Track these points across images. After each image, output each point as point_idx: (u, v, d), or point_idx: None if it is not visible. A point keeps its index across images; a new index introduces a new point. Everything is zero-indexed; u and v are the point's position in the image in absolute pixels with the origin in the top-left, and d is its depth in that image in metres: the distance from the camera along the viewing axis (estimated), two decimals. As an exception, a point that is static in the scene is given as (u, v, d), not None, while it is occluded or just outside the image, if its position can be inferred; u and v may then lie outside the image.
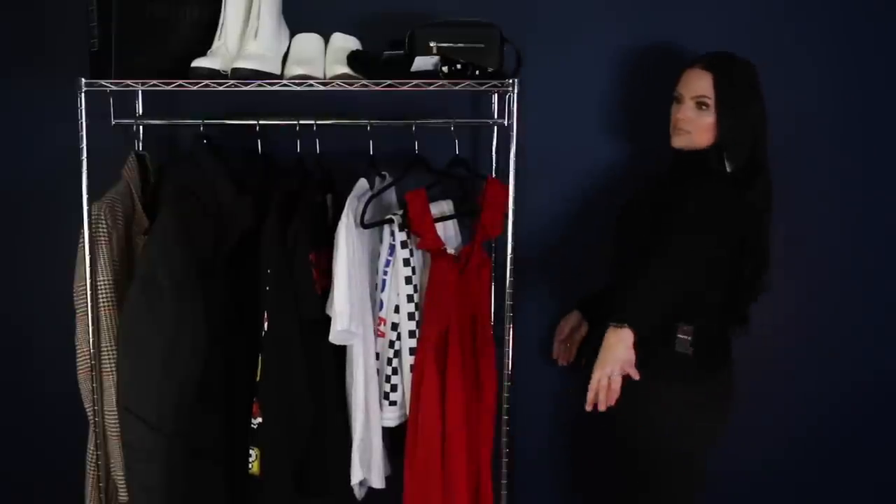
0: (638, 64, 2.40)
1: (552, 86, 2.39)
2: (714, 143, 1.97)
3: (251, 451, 2.05)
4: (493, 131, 2.36)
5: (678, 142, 2.01)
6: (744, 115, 1.95)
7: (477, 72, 2.01)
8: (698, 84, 1.96)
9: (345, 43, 2.12)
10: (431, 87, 2.01)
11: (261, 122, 2.17)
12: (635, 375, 1.78)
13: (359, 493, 2.19)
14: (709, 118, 1.95)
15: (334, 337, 2.03)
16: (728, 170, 1.96)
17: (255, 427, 2.04)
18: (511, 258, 2.08)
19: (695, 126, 1.97)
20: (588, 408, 1.81)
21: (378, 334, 2.15)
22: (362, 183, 2.14)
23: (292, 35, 2.13)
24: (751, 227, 1.95)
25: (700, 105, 1.96)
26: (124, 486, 2.11)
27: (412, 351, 2.14)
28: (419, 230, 2.10)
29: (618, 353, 1.77)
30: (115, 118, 2.26)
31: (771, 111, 2.00)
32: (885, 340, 2.53)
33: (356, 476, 2.11)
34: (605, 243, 2.21)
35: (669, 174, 2.08)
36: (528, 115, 2.14)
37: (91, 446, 2.15)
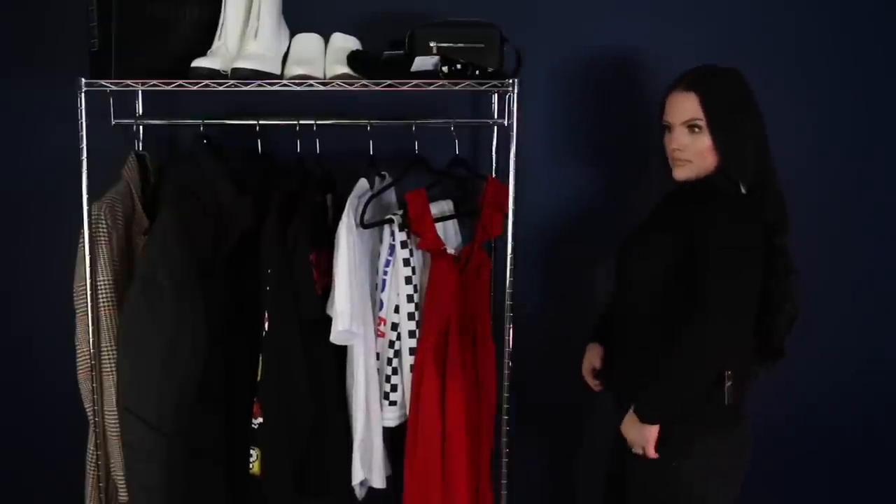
0: (639, 65, 2.40)
1: (553, 86, 2.39)
2: (718, 167, 1.82)
3: (252, 452, 2.05)
4: (493, 131, 2.36)
5: (681, 174, 1.85)
6: (739, 129, 1.81)
7: (477, 72, 2.01)
8: (685, 107, 1.82)
9: (345, 43, 2.12)
10: (431, 87, 2.01)
11: (261, 122, 2.17)
12: (651, 454, 1.82)
13: (359, 492, 2.19)
14: (706, 140, 1.81)
15: (335, 337, 2.03)
16: (743, 191, 1.81)
17: (255, 427, 2.04)
18: (511, 258, 2.08)
19: (693, 152, 1.82)
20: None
21: (378, 334, 2.15)
22: (363, 183, 2.14)
23: (292, 35, 2.13)
24: (771, 247, 1.80)
25: (692, 128, 1.82)
26: (124, 486, 2.11)
27: (412, 351, 2.14)
28: (419, 230, 2.10)
29: (631, 435, 1.84)
30: (115, 118, 2.26)
31: (772, 117, 1.93)
32: (879, 341, 2.54)
33: (357, 476, 2.11)
34: (604, 243, 2.21)
35: (676, 204, 1.92)
36: (529, 114, 2.14)
37: (91, 446, 2.15)
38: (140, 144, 2.31)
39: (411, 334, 2.14)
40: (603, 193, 2.46)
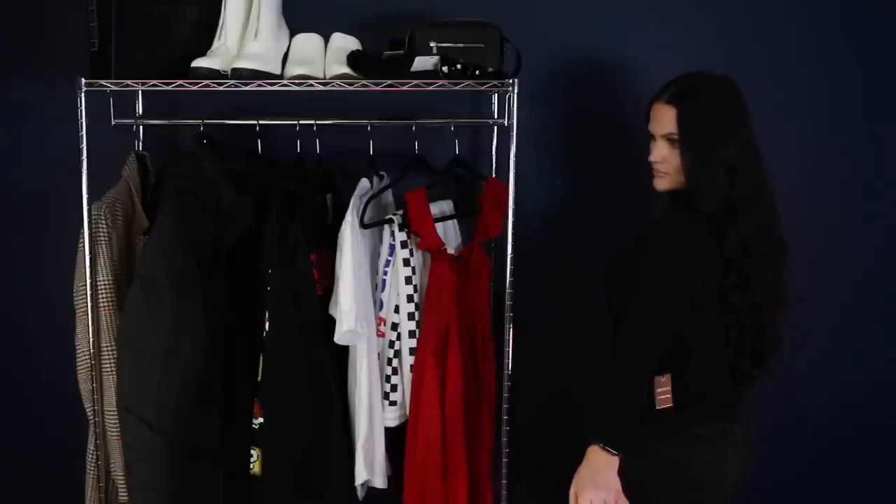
0: (639, 65, 2.39)
1: (553, 86, 2.39)
2: (686, 186, 1.76)
3: (252, 452, 2.05)
4: (493, 131, 2.36)
5: (660, 185, 1.80)
6: (711, 152, 1.70)
7: (477, 72, 2.01)
8: (664, 120, 1.75)
9: (345, 43, 2.12)
10: (431, 87, 2.01)
11: (261, 122, 2.17)
12: None
13: (360, 492, 2.19)
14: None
15: (340, 337, 2.03)
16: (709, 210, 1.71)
17: (256, 427, 2.04)
18: (511, 258, 2.08)
19: (672, 166, 1.76)
20: None
21: (378, 334, 2.15)
22: (364, 183, 2.14)
23: (292, 35, 2.13)
24: (724, 278, 1.71)
25: (672, 142, 1.75)
26: (124, 486, 2.11)
27: (412, 351, 2.14)
28: (419, 230, 2.10)
29: (599, 478, 1.67)
30: (115, 118, 2.26)
31: (771, 121, 1.88)
32: (871, 342, 2.54)
33: (360, 477, 2.11)
34: (605, 243, 2.21)
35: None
36: (529, 114, 2.14)
37: (91, 446, 2.15)
38: (140, 144, 2.31)
39: (411, 334, 2.14)
40: (603, 193, 2.46)
